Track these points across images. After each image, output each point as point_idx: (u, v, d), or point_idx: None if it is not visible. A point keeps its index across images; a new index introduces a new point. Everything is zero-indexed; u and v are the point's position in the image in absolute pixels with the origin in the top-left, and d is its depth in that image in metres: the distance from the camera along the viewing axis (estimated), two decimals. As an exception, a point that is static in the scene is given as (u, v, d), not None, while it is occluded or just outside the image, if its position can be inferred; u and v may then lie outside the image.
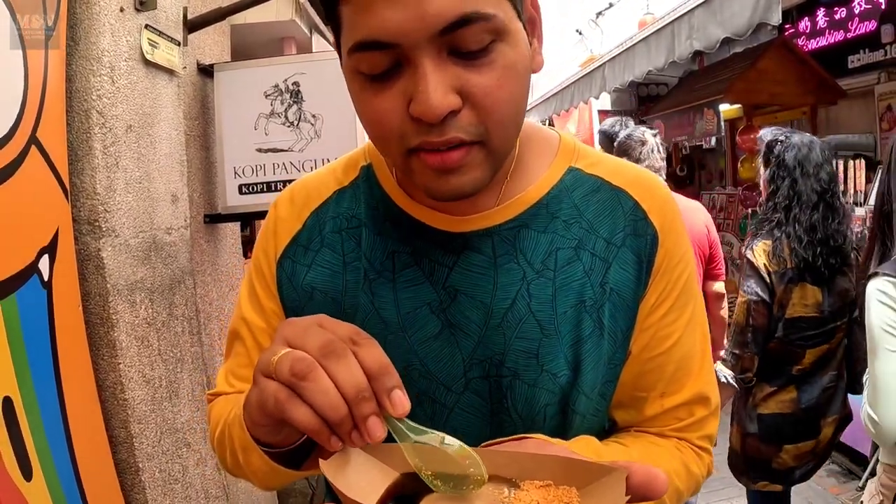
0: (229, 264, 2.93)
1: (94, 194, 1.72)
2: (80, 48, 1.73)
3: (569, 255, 0.78)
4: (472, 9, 0.59)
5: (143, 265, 1.93)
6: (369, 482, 0.57)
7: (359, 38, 0.62)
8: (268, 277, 0.87)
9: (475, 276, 0.78)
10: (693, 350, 0.82)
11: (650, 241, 0.80)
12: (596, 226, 0.80)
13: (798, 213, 2.27)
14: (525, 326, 0.77)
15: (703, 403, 0.82)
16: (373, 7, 0.59)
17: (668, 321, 0.80)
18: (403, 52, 0.61)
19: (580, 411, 0.78)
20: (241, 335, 0.89)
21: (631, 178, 0.83)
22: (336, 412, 0.53)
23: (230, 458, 0.79)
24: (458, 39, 0.61)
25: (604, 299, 0.78)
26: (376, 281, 0.81)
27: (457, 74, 0.62)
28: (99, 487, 1.67)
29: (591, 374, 0.77)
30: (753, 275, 2.30)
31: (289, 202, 0.89)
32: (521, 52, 0.66)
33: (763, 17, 3.08)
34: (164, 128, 2.09)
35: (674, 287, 0.80)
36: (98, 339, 1.76)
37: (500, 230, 0.79)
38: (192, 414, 2.21)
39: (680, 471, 0.79)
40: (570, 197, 0.81)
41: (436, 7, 0.58)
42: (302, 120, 2.51)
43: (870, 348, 1.67)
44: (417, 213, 0.81)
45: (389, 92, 0.64)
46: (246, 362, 0.88)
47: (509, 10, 0.64)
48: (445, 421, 0.78)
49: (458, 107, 0.62)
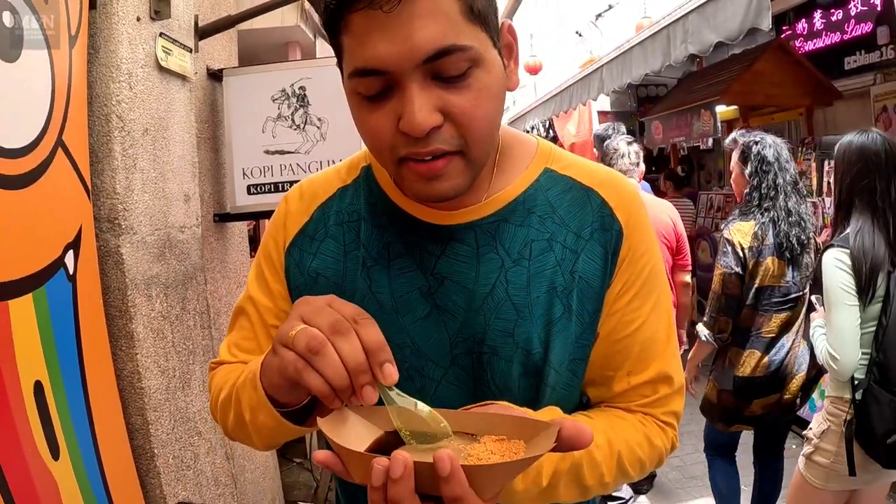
0: (237, 262, 3.03)
1: (113, 194, 1.82)
2: (100, 56, 1.83)
3: (542, 247, 0.89)
4: (451, 42, 0.71)
5: (158, 261, 2.03)
6: (357, 436, 0.69)
7: (356, 65, 0.74)
8: (276, 263, 0.98)
9: (460, 264, 0.89)
10: (657, 334, 0.92)
11: (615, 235, 0.90)
12: (567, 221, 0.90)
13: (781, 201, 2.65)
14: (503, 309, 0.87)
15: (666, 382, 0.92)
16: (368, 40, 0.71)
17: (634, 307, 0.90)
18: (394, 78, 0.73)
19: (550, 384, 0.88)
20: (247, 312, 1.00)
21: (600, 178, 0.93)
22: (341, 381, 0.65)
23: (233, 420, 0.89)
24: (440, 67, 0.72)
25: (573, 286, 0.88)
26: (373, 268, 0.92)
27: (439, 96, 0.74)
28: (117, 471, 1.77)
29: (560, 352, 0.88)
30: (730, 251, 2.67)
31: (298, 198, 1.00)
32: (495, 76, 0.77)
33: (754, 21, 3.17)
34: (178, 131, 2.20)
35: (638, 276, 0.90)
36: (117, 330, 1.87)
37: (481, 224, 0.90)
38: (203, 404, 2.31)
39: (642, 442, 0.90)
40: (545, 195, 0.91)
41: (420, 41, 0.70)
42: (308, 123, 2.62)
43: (828, 304, 2.09)
44: (410, 208, 0.92)
45: (382, 110, 0.76)
46: (250, 335, 0.99)
47: (485, 41, 0.76)
48: (434, 392, 0.89)
49: (440, 123, 0.74)
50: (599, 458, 0.84)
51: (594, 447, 0.84)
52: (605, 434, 0.86)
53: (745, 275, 2.67)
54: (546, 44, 13.38)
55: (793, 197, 2.66)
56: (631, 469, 0.88)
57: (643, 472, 0.92)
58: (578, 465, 0.83)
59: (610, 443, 0.86)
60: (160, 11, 2.06)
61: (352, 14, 0.72)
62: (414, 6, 0.69)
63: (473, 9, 0.73)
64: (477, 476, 0.59)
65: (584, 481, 0.84)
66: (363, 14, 0.71)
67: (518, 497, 0.80)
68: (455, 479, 0.58)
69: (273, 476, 3.35)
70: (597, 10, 9.98)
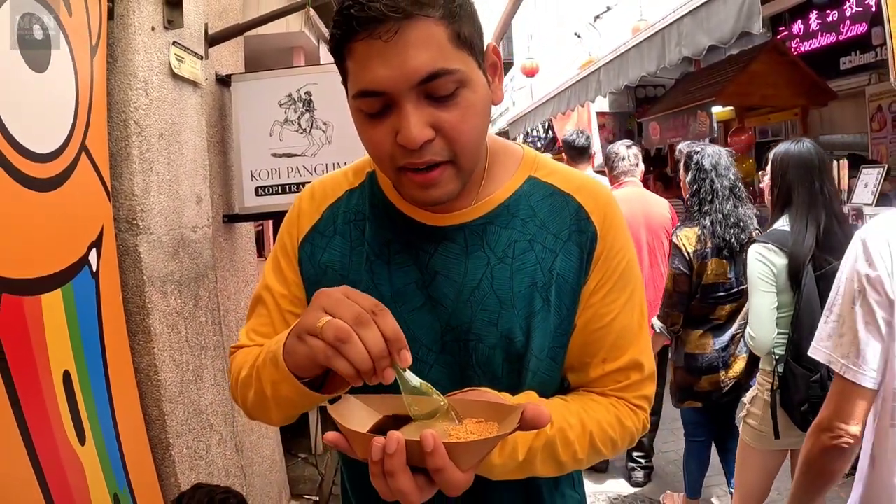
0: (245, 261, 3.13)
1: (131, 195, 1.92)
2: (118, 64, 1.93)
3: (524, 247, 0.99)
4: (440, 66, 0.82)
5: (172, 260, 2.13)
6: (360, 420, 0.82)
7: (359, 87, 0.85)
8: (291, 255, 1.09)
9: (450, 260, 0.99)
10: (630, 325, 1.02)
11: (590, 236, 1.00)
12: (547, 223, 1.00)
13: (717, 205, 2.94)
14: (487, 301, 0.97)
15: (637, 369, 1.02)
16: (369, 65, 0.82)
17: (608, 301, 1.00)
18: (391, 98, 0.84)
19: (532, 369, 0.98)
20: (265, 300, 1.10)
21: (578, 185, 1.04)
22: (366, 365, 0.75)
23: (253, 397, 0.99)
24: (431, 88, 0.83)
25: (551, 282, 0.98)
26: (375, 262, 1.02)
27: (431, 113, 0.84)
28: (136, 458, 1.87)
29: (540, 340, 0.98)
30: (678, 254, 3.00)
31: (310, 198, 1.11)
32: (480, 94, 0.89)
33: (745, 25, 3.27)
34: (190, 135, 2.30)
35: (612, 274, 1.00)
36: (135, 325, 1.97)
37: (470, 225, 1.00)
38: (214, 397, 2.40)
39: (613, 423, 1.00)
40: (528, 200, 1.02)
41: (414, 66, 0.81)
42: (314, 127, 2.72)
43: (750, 290, 2.45)
44: (408, 210, 1.02)
45: (382, 126, 0.86)
46: (266, 322, 1.09)
47: (471, 63, 0.87)
48: (426, 375, 0.98)
49: (432, 137, 0.85)
50: (572, 437, 0.94)
51: (567, 427, 0.94)
52: (579, 415, 0.96)
53: (693, 274, 2.98)
54: (545, 45, 13.46)
55: (730, 201, 2.94)
56: (603, 447, 0.99)
57: (616, 451, 1.02)
58: (552, 442, 0.93)
59: (583, 423, 0.96)
60: (173, 21, 2.16)
61: (355, 43, 0.83)
62: (408, 35, 0.80)
63: (460, 36, 0.84)
64: (455, 451, 0.71)
65: (558, 457, 0.94)
66: (365, 43, 0.81)
67: (497, 470, 0.91)
68: (437, 454, 0.70)
69: (279, 470, 3.44)
70: (595, 12, 10.07)
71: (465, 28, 0.85)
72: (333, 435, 0.77)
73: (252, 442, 3.00)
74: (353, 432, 0.75)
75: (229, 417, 2.55)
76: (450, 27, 0.83)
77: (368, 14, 0.79)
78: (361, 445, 0.74)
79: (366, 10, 0.79)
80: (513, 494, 1.04)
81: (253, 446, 3.01)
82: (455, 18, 0.84)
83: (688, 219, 3.08)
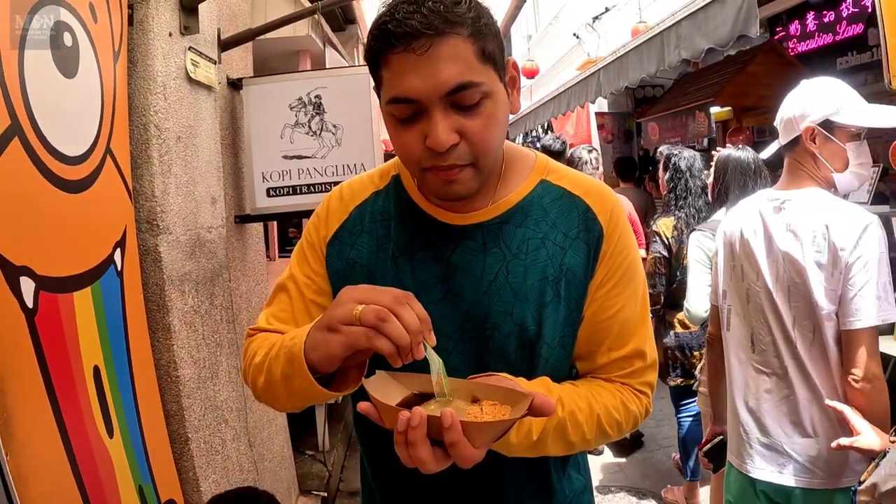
0: (255, 261, 3.19)
1: (152, 197, 1.98)
2: (137, 69, 1.99)
3: (536, 244, 1.08)
4: (467, 79, 0.91)
5: (190, 259, 2.19)
6: (390, 394, 0.91)
7: (393, 94, 0.94)
8: (318, 250, 1.17)
9: (469, 256, 1.08)
10: (633, 317, 1.11)
11: (597, 235, 1.08)
12: (557, 223, 1.09)
13: (691, 200, 3.38)
14: (503, 293, 1.06)
15: (641, 357, 1.11)
16: (403, 75, 0.91)
17: (613, 294, 1.09)
18: (422, 105, 0.93)
19: (543, 356, 1.06)
20: (288, 288, 1.18)
21: (586, 188, 1.13)
22: (405, 340, 0.84)
23: (263, 383, 1.07)
24: (458, 98, 0.92)
25: (561, 276, 1.06)
26: (400, 258, 1.11)
27: (457, 120, 0.94)
28: (157, 452, 1.92)
29: (551, 330, 1.06)
30: (658, 240, 3.42)
31: (339, 199, 1.20)
32: (501, 105, 0.98)
33: (743, 29, 3.32)
34: (205, 137, 2.35)
35: (617, 269, 1.09)
36: (155, 323, 2.02)
37: (488, 224, 1.09)
38: (229, 394, 2.46)
39: (618, 406, 1.08)
40: (540, 202, 1.11)
41: (444, 78, 0.90)
42: (324, 129, 2.78)
43: (689, 271, 2.89)
44: (431, 210, 1.11)
45: (412, 130, 0.95)
46: (286, 308, 1.16)
47: (494, 77, 0.96)
48: (446, 361, 1.05)
49: (457, 142, 0.94)
50: (581, 419, 1.03)
51: (577, 410, 1.03)
52: (587, 399, 1.05)
53: (671, 257, 3.39)
54: (544, 46, 13.52)
55: (702, 198, 3.36)
56: (609, 429, 1.07)
57: (621, 433, 1.10)
58: (563, 424, 1.02)
59: (591, 406, 1.04)
60: (189, 27, 2.22)
61: (391, 55, 0.92)
62: (439, 50, 0.89)
63: (485, 52, 0.94)
64: (469, 429, 0.81)
65: (568, 437, 1.03)
66: (400, 55, 0.91)
67: (514, 448, 0.99)
68: (454, 430, 0.79)
69: (289, 466, 3.50)
70: (594, 13, 10.12)
71: (489, 45, 0.94)
72: (367, 405, 0.85)
73: (263, 438, 3.06)
74: (383, 404, 0.84)
75: (242, 413, 2.61)
76: (476, 44, 0.92)
77: (405, 30, 0.89)
78: (389, 416, 0.83)
79: (402, 26, 0.89)
80: (522, 475, 1.13)
81: (263, 442, 3.06)
82: (481, 36, 0.93)
83: (665, 212, 3.50)
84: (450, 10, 0.90)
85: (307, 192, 2.83)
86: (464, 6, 0.91)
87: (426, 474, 0.84)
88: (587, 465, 1.29)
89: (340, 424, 4.65)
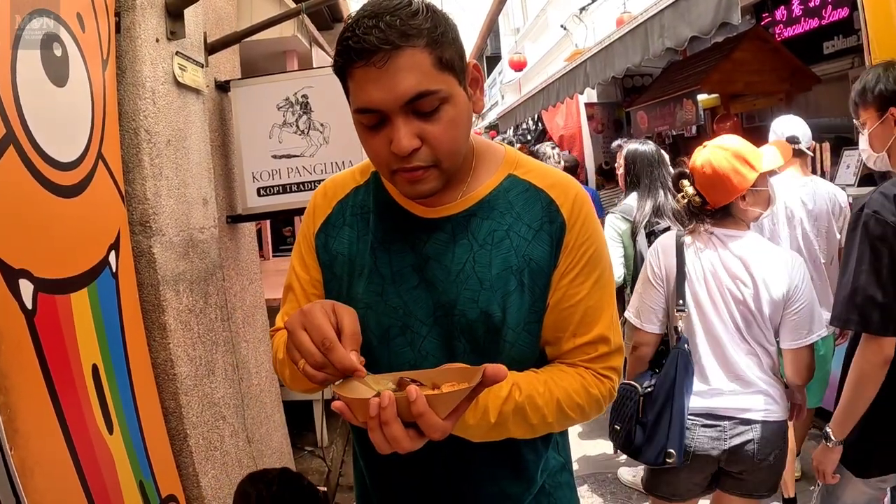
0: (248, 260, 3.23)
1: (144, 199, 2.03)
2: (126, 76, 2.03)
3: (502, 235, 1.14)
4: (424, 87, 0.98)
5: (183, 260, 2.23)
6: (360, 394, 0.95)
7: (357, 105, 1.02)
8: (310, 243, 1.26)
9: (440, 247, 1.15)
10: (598, 304, 1.16)
11: (559, 227, 1.14)
12: (522, 215, 1.15)
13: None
14: (470, 281, 1.12)
15: (605, 342, 1.17)
16: (365, 87, 0.99)
17: (577, 283, 1.14)
18: (385, 114, 1.00)
19: (509, 340, 1.12)
20: (294, 288, 1.28)
21: (551, 182, 1.19)
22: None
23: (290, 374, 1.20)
24: (418, 106, 0.99)
25: (524, 266, 1.13)
26: (378, 249, 1.18)
27: (418, 126, 1.01)
28: (157, 449, 1.97)
29: (515, 316, 1.12)
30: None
31: (323, 194, 1.29)
32: (461, 108, 1.05)
33: (725, 16, 3.38)
34: (194, 140, 2.40)
35: (579, 260, 1.15)
36: (150, 322, 2.07)
37: (457, 217, 1.16)
38: (226, 391, 2.51)
39: (579, 390, 1.14)
40: (506, 195, 1.17)
41: (402, 88, 0.97)
42: (311, 128, 2.83)
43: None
44: (406, 205, 1.18)
45: (379, 137, 1.03)
46: (296, 307, 1.23)
47: (452, 82, 1.03)
48: (421, 345, 1.15)
49: (419, 146, 1.01)
50: (541, 403, 1.09)
51: (536, 394, 1.09)
52: (546, 384, 1.11)
53: None
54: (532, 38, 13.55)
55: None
56: (570, 412, 1.13)
57: (584, 416, 1.16)
58: (522, 407, 1.08)
59: (550, 391, 1.10)
60: (175, 32, 2.26)
61: (354, 69, 0.99)
62: (397, 63, 0.96)
63: (443, 60, 1.00)
64: (432, 401, 0.88)
65: (529, 420, 1.09)
66: (362, 69, 0.98)
67: (471, 430, 1.07)
68: (419, 402, 0.86)
69: (288, 462, 3.55)
70: (581, 4, 10.16)
71: (446, 53, 1.01)
72: (339, 404, 0.91)
73: (261, 434, 3.11)
74: (353, 399, 0.90)
75: (240, 410, 2.66)
76: (432, 54, 0.99)
77: (363, 46, 0.96)
78: (361, 409, 0.89)
79: (361, 43, 0.96)
80: (493, 454, 1.18)
81: (262, 438, 3.11)
82: (437, 45, 1.00)
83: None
84: (406, 23, 0.96)
85: (297, 190, 2.88)
86: (420, 17, 0.98)
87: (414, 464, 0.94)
88: (567, 445, 1.36)
89: (339, 420, 4.70)
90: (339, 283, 1.21)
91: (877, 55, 3.33)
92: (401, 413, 0.87)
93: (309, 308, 0.94)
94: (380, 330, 1.15)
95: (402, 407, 0.87)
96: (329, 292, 1.22)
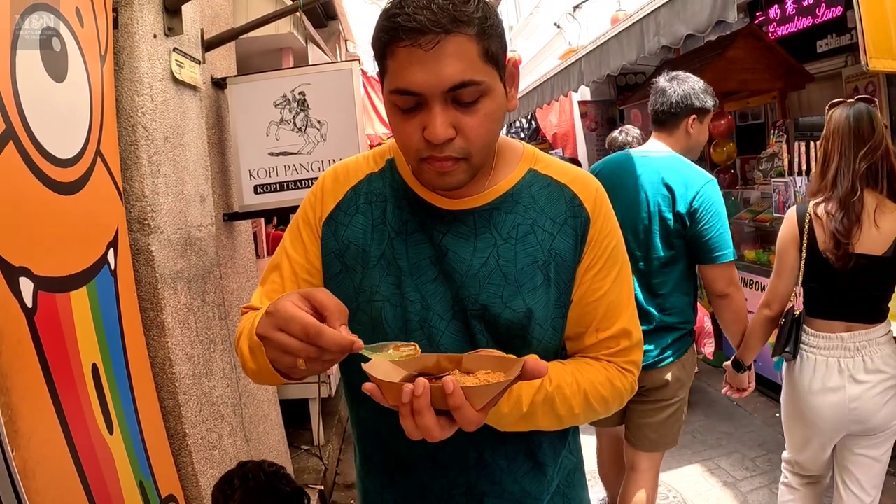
0: (245, 258, 3.22)
1: (142, 197, 2.01)
2: (124, 72, 2.01)
3: (526, 230, 1.13)
4: (468, 77, 0.95)
5: (181, 258, 2.22)
6: (390, 376, 0.93)
7: (396, 85, 0.97)
8: (314, 229, 1.20)
9: (461, 240, 1.12)
10: (619, 299, 1.16)
11: (583, 221, 1.14)
12: (546, 210, 1.14)
13: None
14: (494, 276, 1.10)
15: (626, 336, 1.17)
16: (408, 68, 0.95)
17: (599, 278, 1.14)
18: (423, 98, 0.97)
19: (536, 336, 1.11)
20: (281, 267, 1.20)
21: (572, 176, 1.18)
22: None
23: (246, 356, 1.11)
24: (458, 95, 0.96)
25: (550, 260, 1.12)
26: (395, 239, 1.14)
27: (454, 115, 0.98)
28: (156, 448, 1.96)
29: (541, 311, 1.11)
30: None
31: (333, 179, 1.23)
32: (498, 103, 1.02)
33: (721, 14, 3.37)
34: (192, 137, 2.38)
35: (602, 253, 1.15)
36: (149, 321, 2.05)
37: (479, 210, 1.13)
38: (224, 390, 2.50)
39: (604, 383, 1.13)
40: (529, 189, 1.16)
41: (447, 75, 0.94)
42: (309, 126, 2.81)
43: None
44: (424, 195, 1.15)
45: (412, 121, 0.99)
46: (279, 289, 1.19)
47: (494, 76, 1.00)
48: (439, 340, 1.11)
49: (454, 136, 0.98)
50: (569, 394, 1.08)
51: (565, 384, 1.08)
52: (574, 376, 1.10)
53: None
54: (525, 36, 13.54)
55: None
56: (596, 404, 1.12)
57: (608, 408, 1.16)
58: (552, 398, 1.07)
59: (577, 382, 1.10)
60: (173, 28, 2.24)
61: (398, 47, 0.95)
62: (445, 48, 0.93)
63: (489, 52, 0.98)
64: (469, 393, 0.85)
65: (557, 411, 1.08)
66: (407, 49, 0.94)
67: (504, 419, 1.06)
68: (456, 394, 0.83)
69: (285, 460, 3.53)
70: (574, 2, 10.15)
71: (493, 45, 0.99)
72: (370, 385, 0.88)
73: (258, 433, 3.10)
74: (386, 382, 0.87)
75: (238, 409, 2.64)
76: (481, 44, 0.97)
77: (414, 25, 0.93)
78: (392, 393, 0.87)
79: (412, 21, 0.93)
80: (515, 448, 1.17)
81: (259, 438, 3.10)
82: (486, 36, 0.97)
83: None
84: (459, 8, 0.94)
85: (294, 188, 2.85)
86: (472, 5, 0.95)
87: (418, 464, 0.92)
88: (578, 445, 1.35)
89: (334, 419, 4.69)
90: (352, 275, 1.15)
91: (871, 54, 3.33)
92: (435, 402, 0.85)
93: (273, 307, 0.86)
94: (398, 324, 1.11)
95: (437, 396, 0.85)
96: (342, 286, 1.15)
